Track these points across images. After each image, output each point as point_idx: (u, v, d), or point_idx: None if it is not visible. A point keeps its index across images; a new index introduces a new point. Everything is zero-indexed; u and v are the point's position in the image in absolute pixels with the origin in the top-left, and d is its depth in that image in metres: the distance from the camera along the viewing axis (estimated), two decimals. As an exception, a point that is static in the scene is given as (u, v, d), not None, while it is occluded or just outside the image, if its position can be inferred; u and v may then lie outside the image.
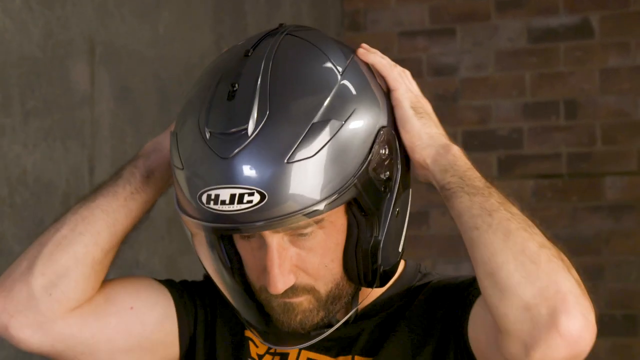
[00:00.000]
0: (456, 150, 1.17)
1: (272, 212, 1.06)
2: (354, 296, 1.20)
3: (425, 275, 1.28)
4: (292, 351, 1.25)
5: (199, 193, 1.09)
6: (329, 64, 1.15)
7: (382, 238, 1.15)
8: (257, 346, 1.28)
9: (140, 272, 2.31)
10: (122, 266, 1.50)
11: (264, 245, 1.13)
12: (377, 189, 1.13)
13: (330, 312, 1.17)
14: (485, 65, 3.64)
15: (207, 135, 1.10)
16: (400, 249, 1.20)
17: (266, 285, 1.14)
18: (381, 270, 1.16)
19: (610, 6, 3.49)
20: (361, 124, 1.12)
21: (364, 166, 1.10)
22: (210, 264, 1.21)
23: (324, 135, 1.08)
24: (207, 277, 1.24)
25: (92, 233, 1.23)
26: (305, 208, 1.07)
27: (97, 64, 2.16)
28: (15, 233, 1.93)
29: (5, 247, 1.90)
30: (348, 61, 1.17)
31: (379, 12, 3.76)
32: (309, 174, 1.07)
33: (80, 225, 1.23)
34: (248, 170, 1.06)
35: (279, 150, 1.07)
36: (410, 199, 1.22)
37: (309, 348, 1.24)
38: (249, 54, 1.14)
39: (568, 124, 3.52)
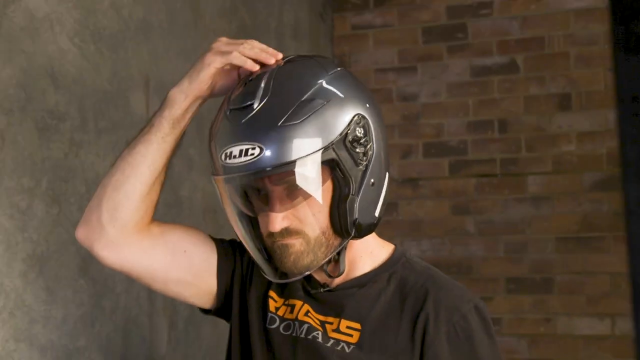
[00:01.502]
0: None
1: (268, 162, 1.07)
2: (340, 251, 1.18)
3: (409, 260, 1.25)
4: (297, 305, 1.24)
5: (220, 153, 1.11)
6: (320, 68, 1.17)
7: (357, 197, 1.14)
8: (275, 301, 1.27)
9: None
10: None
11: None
12: (354, 159, 1.12)
13: (317, 257, 1.15)
14: (439, 93, 3.64)
15: (228, 112, 1.13)
16: (376, 214, 1.18)
17: (268, 227, 1.14)
18: (357, 222, 1.15)
19: (532, 49, 3.49)
20: (341, 106, 1.12)
21: (341, 136, 1.10)
22: (234, 218, 1.21)
23: (309, 109, 1.09)
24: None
25: (136, 175, 1.23)
26: (292, 161, 1.07)
27: (151, 94, 2.15)
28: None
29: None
30: (336, 68, 1.18)
31: (361, 54, 3.76)
32: (296, 136, 1.08)
33: (127, 169, 1.23)
34: (251, 131, 1.09)
35: (274, 118, 1.09)
36: (387, 180, 1.20)
37: (310, 305, 1.23)
38: None
39: (501, 136, 3.53)
